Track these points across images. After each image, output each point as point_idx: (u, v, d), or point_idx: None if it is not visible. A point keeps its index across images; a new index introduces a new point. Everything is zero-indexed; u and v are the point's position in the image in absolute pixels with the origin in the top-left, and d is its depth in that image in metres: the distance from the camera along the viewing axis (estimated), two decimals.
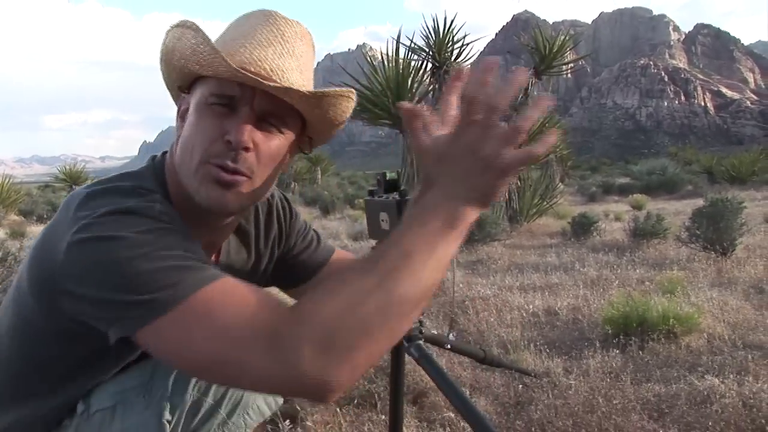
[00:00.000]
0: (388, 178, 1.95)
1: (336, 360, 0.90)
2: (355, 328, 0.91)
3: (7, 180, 20.81)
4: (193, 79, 1.19)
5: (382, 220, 1.99)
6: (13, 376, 1.24)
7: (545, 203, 10.69)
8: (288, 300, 1.44)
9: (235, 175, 1.14)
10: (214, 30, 1.21)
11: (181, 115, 1.22)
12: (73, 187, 25.31)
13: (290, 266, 1.61)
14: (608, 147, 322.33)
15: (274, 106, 1.15)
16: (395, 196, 1.87)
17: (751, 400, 2.63)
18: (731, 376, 2.91)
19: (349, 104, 1.26)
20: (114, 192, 1.10)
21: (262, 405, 1.58)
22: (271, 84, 1.10)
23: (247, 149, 1.13)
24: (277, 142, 1.19)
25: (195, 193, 1.15)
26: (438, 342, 2.12)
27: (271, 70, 1.12)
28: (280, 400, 1.56)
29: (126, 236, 0.99)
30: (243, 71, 1.07)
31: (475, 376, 3.13)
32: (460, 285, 5.24)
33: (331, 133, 1.34)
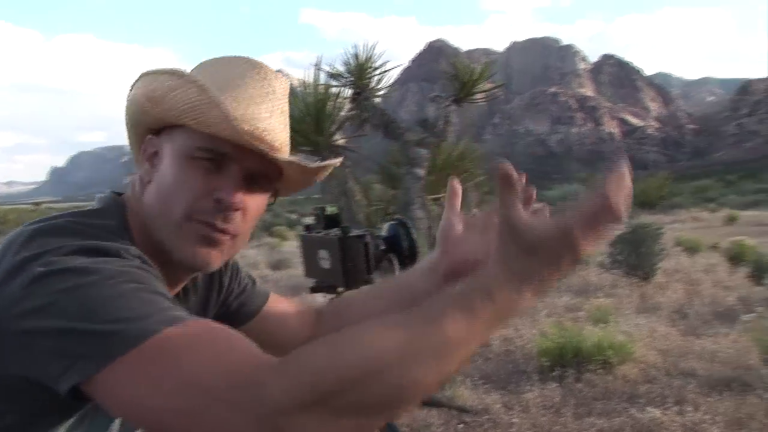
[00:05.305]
0: (328, 212, 1.80)
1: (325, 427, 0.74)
2: (354, 401, 0.74)
3: None
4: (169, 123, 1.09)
5: (322, 258, 1.83)
6: None
7: None
8: None
9: (223, 234, 1.07)
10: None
11: (149, 158, 1.12)
12: None
13: (227, 313, 1.43)
14: (520, 172, 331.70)
15: (263, 167, 1.09)
16: (338, 232, 1.72)
17: (692, 431, 2.60)
18: (672, 407, 2.89)
19: (329, 169, 1.22)
20: (77, 229, 0.96)
21: None
22: (279, 157, 1.06)
23: (237, 209, 1.06)
24: (261, 199, 1.14)
25: (176, 249, 1.06)
26: None
27: (264, 130, 1.05)
28: None
29: (97, 268, 0.86)
30: (252, 138, 1.01)
31: (412, 416, 2.99)
32: None
33: (303, 187, 1.28)
